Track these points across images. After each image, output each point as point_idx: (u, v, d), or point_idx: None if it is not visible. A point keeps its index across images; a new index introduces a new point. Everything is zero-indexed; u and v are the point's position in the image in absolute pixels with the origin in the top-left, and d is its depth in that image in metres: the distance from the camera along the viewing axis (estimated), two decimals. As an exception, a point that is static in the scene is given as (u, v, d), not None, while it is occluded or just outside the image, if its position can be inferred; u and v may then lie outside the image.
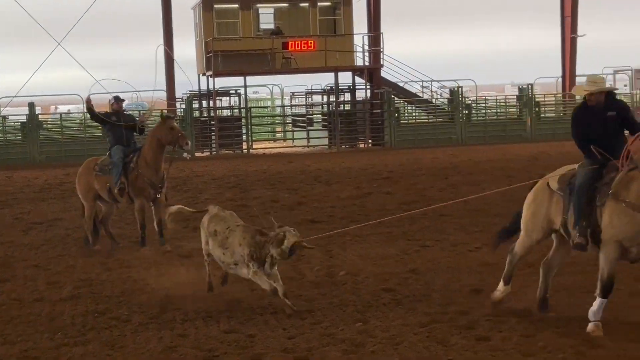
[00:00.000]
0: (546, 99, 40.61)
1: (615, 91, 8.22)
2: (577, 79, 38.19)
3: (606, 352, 6.72)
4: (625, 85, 46.06)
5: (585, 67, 39.56)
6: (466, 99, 38.15)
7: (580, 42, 39.06)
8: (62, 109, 52.62)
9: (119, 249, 14.16)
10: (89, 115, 17.42)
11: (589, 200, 7.04)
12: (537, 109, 37.53)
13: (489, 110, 40.28)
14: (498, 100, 43.35)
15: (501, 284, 8.07)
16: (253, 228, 8.68)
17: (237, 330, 7.88)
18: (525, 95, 37.79)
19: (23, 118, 36.49)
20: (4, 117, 37.35)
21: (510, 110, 39.48)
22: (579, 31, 38.84)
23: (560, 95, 40.03)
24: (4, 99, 38.50)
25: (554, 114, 39.25)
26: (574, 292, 8.81)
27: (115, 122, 14.31)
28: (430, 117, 37.43)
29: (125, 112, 15.78)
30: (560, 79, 40.57)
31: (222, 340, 7.44)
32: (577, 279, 9.29)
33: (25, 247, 15.08)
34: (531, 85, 38.38)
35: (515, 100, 39.69)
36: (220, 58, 33.83)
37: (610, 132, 6.98)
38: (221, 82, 35.96)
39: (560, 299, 8.59)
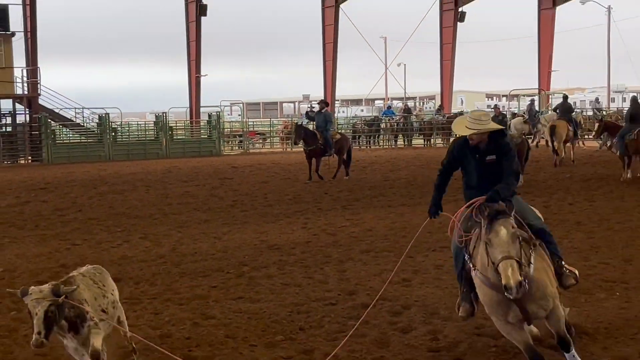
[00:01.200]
0: (177, 124, 43.05)
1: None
2: (203, 109, 43.54)
3: (217, 322, 8.39)
4: (239, 115, 51.61)
5: (207, 100, 43.91)
6: (113, 123, 39.56)
7: (203, 80, 43.08)
8: None
9: None
10: None
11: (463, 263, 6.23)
12: (170, 132, 39.81)
13: (132, 133, 41.51)
14: (139, 125, 44.66)
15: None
16: None
17: None
18: (161, 121, 40.29)
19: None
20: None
21: (150, 132, 40.92)
22: (202, 72, 42.79)
23: (189, 121, 43.11)
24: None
25: (184, 136, 41.79)
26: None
27: None
28: (82, 138, 38.99)
29: None
30: (188, 109, 43.63)
31: None
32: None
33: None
34: (166, 113, 40.47)
35: (153, 125, 41.45)
36: None
37: (488, 176, 5.98)
38: None
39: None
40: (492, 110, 23.69)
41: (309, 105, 24.08)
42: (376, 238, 13.53)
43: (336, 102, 48.23)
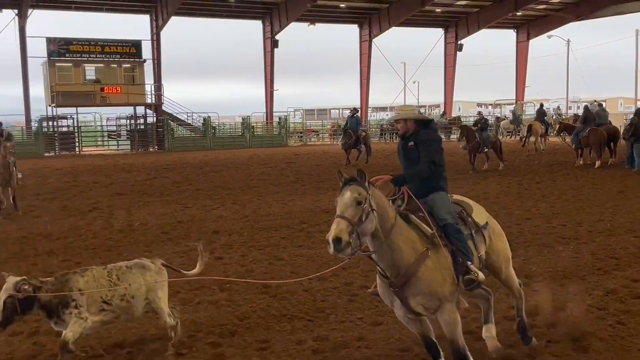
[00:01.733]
0: (257, 124, 41.58)
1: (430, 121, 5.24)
2: (275, 113, 42.61)
3: (285, 262, 8.65)
4: (300, 117, 52.51)
5: (278, 107, 43.54)
6: (213, 123, 38.25)
7: (275, 93, 42.38)
8: None
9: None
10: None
11: None
12: (252, 130, 38.85)
13: (226, 130, 41.21)
14: (231, 125, 43.97)
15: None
16: None
17: None
18: (246, 122, 39.38)
19: None
20: None
21: (238, 130, 40.23)
22: (275, 87, 42.15)
23: (265, 122, 42.34)
24: None
25: (261, 133, 40.45)
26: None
27: None
28: (192, 133, 39.12)
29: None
30: (264, 113, 42.90)
31: None
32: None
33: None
34: (249, 116, 40.16)
35: (240, 124, 40.57)
36: (60, 96, 33.46)
37: (409, 161, 4.91)
38: (62, 111, 35.15)
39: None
40: (477, 115, 23.62)
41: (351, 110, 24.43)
42: None
43: (368, 109, 48.38)
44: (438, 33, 46.83)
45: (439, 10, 42.73)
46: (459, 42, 45.65)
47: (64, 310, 4.93)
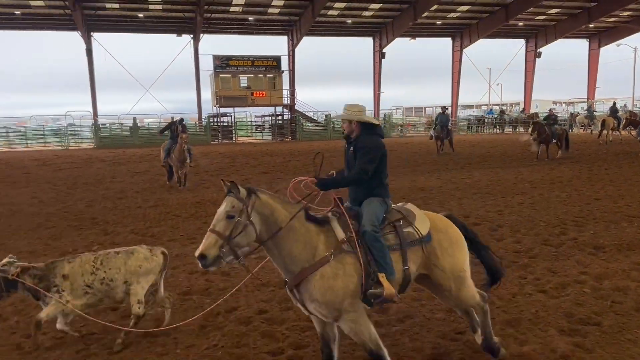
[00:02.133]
0: None
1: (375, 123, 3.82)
2: (381, 111, 41.32)
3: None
4: (401, 114, 51.00)
5: (383, 105, 42.68)
6: (332, 119, 36.65)
7: (382, 95, 41.67)
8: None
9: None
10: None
11: None
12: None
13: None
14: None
15: None
16: None
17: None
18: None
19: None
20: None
21: None
22: (381, 90, 41.33)
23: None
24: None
25: None
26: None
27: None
28: (316, 127, 37.98)
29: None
30: (372, 111, 40.21)
31: None
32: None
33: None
34: None
35: None
36: (222, 99, 34.64)
37: (349, 165, 3.81)
38: (223, 110, 35.62)
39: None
40: (548, 111, 21.87)
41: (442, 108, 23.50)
42: (482, 186, 13.09)
43: (458, 106, 46.17)
44: (520, 43, 43.41)
45: (521, 24, 39.65)
46: (538, 50, 41.82)
47: (46, 294, 4.40)
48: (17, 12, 31.37)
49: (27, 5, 30.76)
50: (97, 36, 33.85)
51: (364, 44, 41.97)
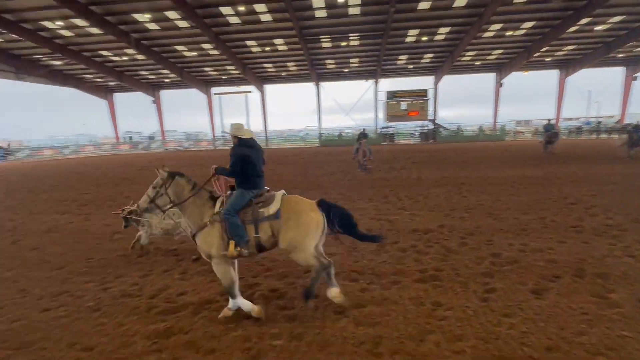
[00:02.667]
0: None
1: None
2: (500, 123, 42.51)
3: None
4: None
5: (500, 119, 41.62)
6: (464, 128, 37.99)
7: (500, 112, 39.99)
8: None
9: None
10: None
11: None
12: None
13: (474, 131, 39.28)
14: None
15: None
16: None
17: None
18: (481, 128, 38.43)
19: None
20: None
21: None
22: (500, 108, 39.77)
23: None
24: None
25: None
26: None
27: None
28: (450, 133, 36.61)
29: None
30: (492, 124, 40.89)
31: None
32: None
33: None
34: (481, 125, 39.13)
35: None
36: (390, 117, 36.10)
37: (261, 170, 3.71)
38: (391, 123, 37.38)
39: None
40: (637, 122, 17.73)
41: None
42: (578, 176, 10.58)
43: (561, 119, 42.05)
44: (620, 70, 38.05)
45: (620, 55, 35.17)
46: (634, 75, 36.66)
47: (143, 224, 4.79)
48: (284, 74, 39.96)
49: (288, 69, 38.15)
50: (322, 84, 40.88)
51: (488, 77, 41.27)
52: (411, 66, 38.18)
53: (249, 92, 38.07)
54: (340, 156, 20.09)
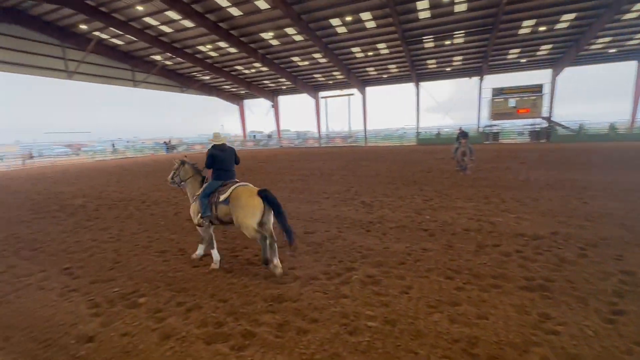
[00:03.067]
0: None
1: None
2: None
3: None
4: None
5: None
6: (586, 128, 32.36)
7: None
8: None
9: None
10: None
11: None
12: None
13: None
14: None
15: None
16: None
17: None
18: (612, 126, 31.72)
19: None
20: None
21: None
22: None
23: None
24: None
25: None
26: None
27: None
28: (569, 132, 32.79)
29: None
30: (629, 121, 34.18)
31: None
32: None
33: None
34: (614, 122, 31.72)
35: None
36: (495, 114, 34.20)
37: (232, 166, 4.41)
38: (495, 122, 34.83)
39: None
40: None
41: None
42: None
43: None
44: None
45: None
46: None
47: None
48: (385, 76, 40.15)
49: (389, 71, 37.39)
50: (421, 84, 39.92)
51: (624, 67, 33.22)
52: (524, 60, 34.00)
53: (352, 94, 38.73)
54: (438, 154, 19.51)
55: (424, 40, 26.11)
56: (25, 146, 40.08)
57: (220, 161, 4.46)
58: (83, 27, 23.90)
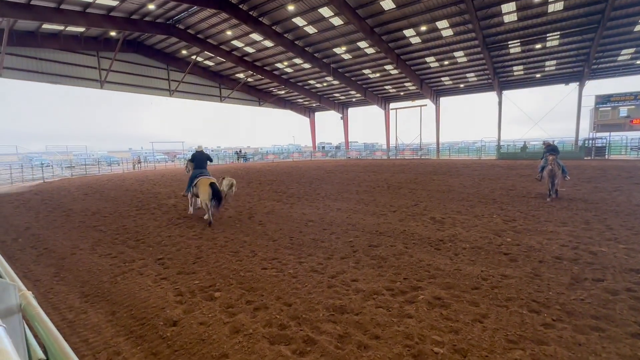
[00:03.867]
0: None
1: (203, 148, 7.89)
2: None
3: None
4: None
5: None
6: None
7: None
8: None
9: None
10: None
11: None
12: None
13: None
14: None
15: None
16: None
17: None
18: None
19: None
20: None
21: None
22: None
23: None
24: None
25: None
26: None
27: None
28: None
29: None
30: None
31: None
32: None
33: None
34: None
35: None
36: (599, 126, 30.05)
37: (204, 164, 7.50)
38: (598, 135, 30.55)
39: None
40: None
41: None
42: None
43: None
44: None
45: None
46: None
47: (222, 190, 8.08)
48: (462, 85, 38.16)
49: (467, 80, 35.88)
50: (505, 92, 36.99)
51: None
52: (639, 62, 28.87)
53: (424, 105, 37.61)
54: (523, 170, 18.17)
55: (509, 46, 24.89)
56: (135, 153, 48.14)
57: (199, 161, 7.57)
58: (184, 52, 28.49)
